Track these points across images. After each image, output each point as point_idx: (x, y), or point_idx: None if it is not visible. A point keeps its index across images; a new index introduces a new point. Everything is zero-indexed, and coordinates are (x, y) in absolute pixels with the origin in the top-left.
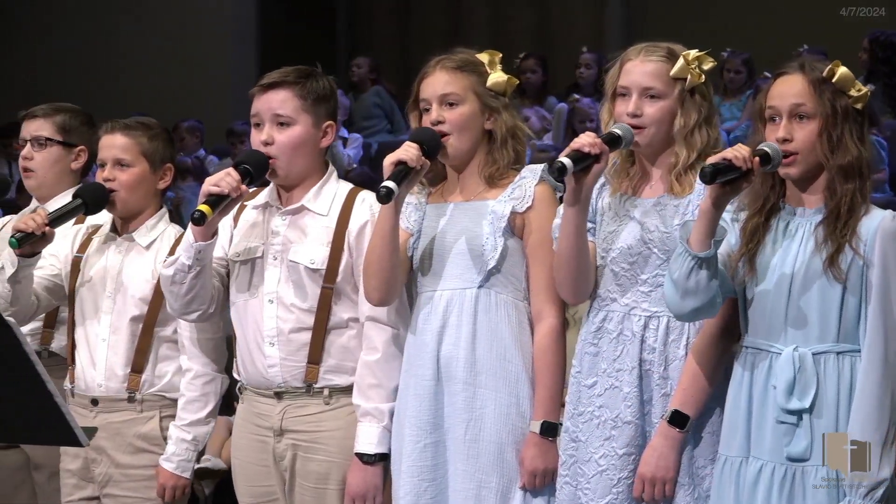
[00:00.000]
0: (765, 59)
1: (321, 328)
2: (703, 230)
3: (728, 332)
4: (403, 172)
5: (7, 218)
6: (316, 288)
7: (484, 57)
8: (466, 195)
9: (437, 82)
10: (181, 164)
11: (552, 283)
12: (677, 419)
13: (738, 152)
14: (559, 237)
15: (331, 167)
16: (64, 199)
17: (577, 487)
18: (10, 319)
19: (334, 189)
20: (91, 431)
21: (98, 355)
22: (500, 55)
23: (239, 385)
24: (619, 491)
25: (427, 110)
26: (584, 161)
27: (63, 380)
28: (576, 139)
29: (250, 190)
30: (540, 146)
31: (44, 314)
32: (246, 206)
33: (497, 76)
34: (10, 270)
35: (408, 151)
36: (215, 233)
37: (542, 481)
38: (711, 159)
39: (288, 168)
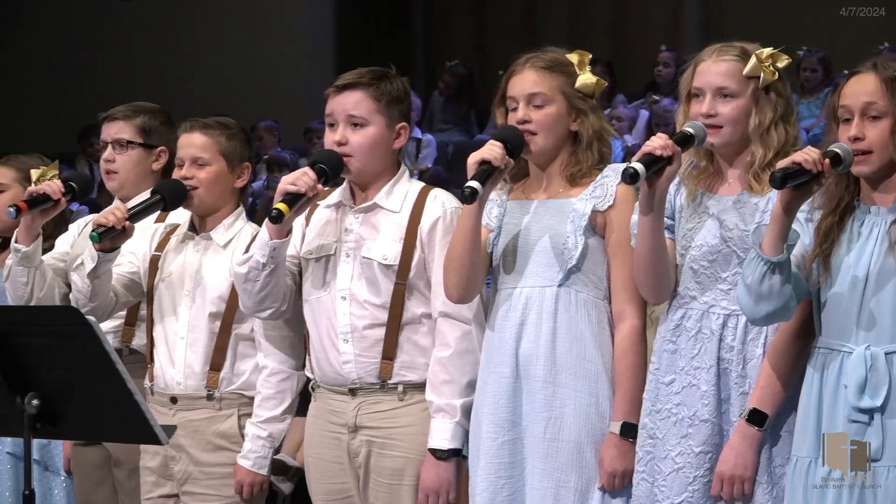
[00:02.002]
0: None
1: (395, 324)
2: (776, 234)
3: (806, 332)
4: (487, 172)
5: (91, 216)
6: (389, 284)
7: (573, 57)
8: (550, 193)
9: (526, 81)
10: (278, 159)
11: (633, 283)
12: (756, 417)
13: (807, 155)
14: (636, 239)
15: (403, 166)
16: (144, 197)
17: (653, 484)
18: (91, 318)
19: (406, 187)
20: (170, 429)
21: (177, 353)
22: (590, 56)
23: (312, 383)
24: (694, 489)
25: (514, 108)
26: (657, 164)
27: (144, 377)
28: (647, 142)
29: (326, 189)
30: None
31: (125, 312)
32: (318, 204)
33: (586, 77)
34: (90, 265)
35: (492, 150)
36: (290, 231)
37: (622, 482)
38: (781, 164)
39: (361, 168)
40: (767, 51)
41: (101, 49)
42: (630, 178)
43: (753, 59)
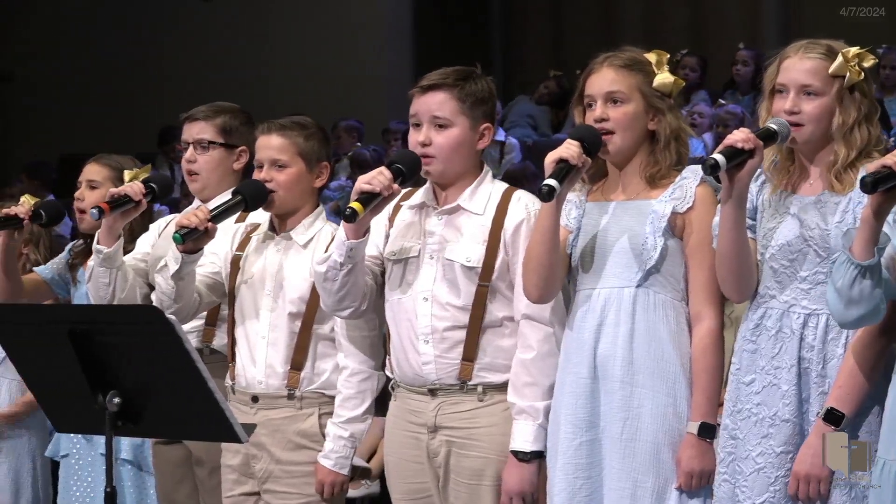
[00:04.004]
0: None
1: (476, 326)
2: (866, 238)
3: (888, 331)
4: (565, 170)
5: (171, 217)
6: (471, 286)
7: (651, 56)
8: (629, 194)
9: (604, 79)
10: (360, 157)
11: (711, 285)
12: (833, 417)
13: None
14: (718, 234)
15: (486, 167)
16: (225, 197)
17: (735, 485)
18: (172, 317)
19: (490, 188)
20: (250, 428)
21: (258, 353)
22: (668, 55)
23: (392, 382)
24: (776, 489)
25: (591, 106)
26: (738, 157)
27: (225, 377)
28: (729, 135)
29: (403, 189)
30: None
31: (206, 312)
32: (402, 206)
33: (664, 77)
34: (173, 267)
35: (569, 149)
36: (367, 231)
37: (699, 483)
38: (871, 167)
39: (443, 169)
40: (854, 50)
41: (181, 50)
42: (710, 168)
43: (839, 58)
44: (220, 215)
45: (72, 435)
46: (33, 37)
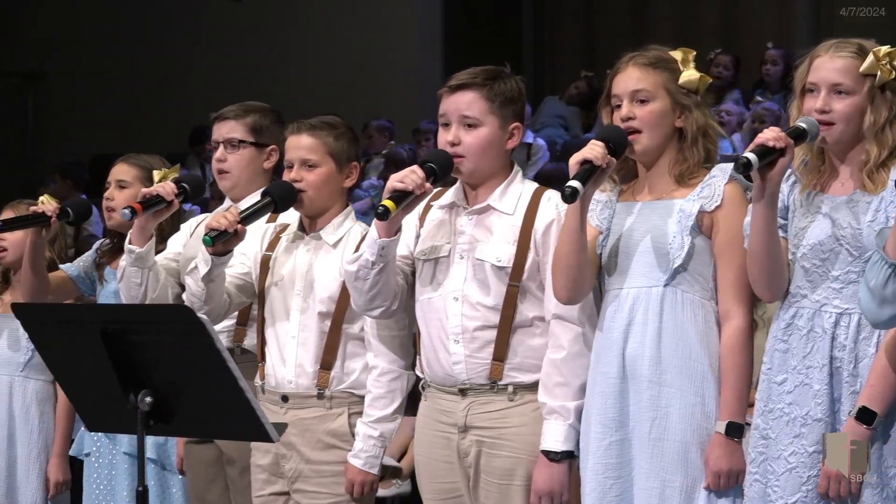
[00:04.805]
0: None
1: (507, 326)
2: None
3: None
4: (589, 171)
5: (202, 216)
6: (501, 286)
7: (677, 54)
8: (656, 194)
9: (629, 78)
10: (397, 156)
11: (740, 283)
12: (864, 416)
13: None
14: (750, 234)
15: (516, 167)
16: (255, 198)
17: (766, 485)
18: (203, 317)
19: (520, 188)
20: (282, 427)
21: (288, 353)
22: (694, 53)
23: (422, 382)
24: (808, 489)
25: (618, 106)
26: (769, 155)
27: (255, 377)
28: (760, 134)
29: (435, 189)
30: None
31: (237, 312)
32: (432, 205)
33: (690, 74)
34: (203, 269)
35: (593, 150)
36: (399, 230)
37: (727, 482)
38: None
39: (474, 168)
40: (885, 49)
41: (212, 50)
42: (743, 167)
43: (871, 57)
44: (249, 217)
45: (94, 433)
46: (65, 37)
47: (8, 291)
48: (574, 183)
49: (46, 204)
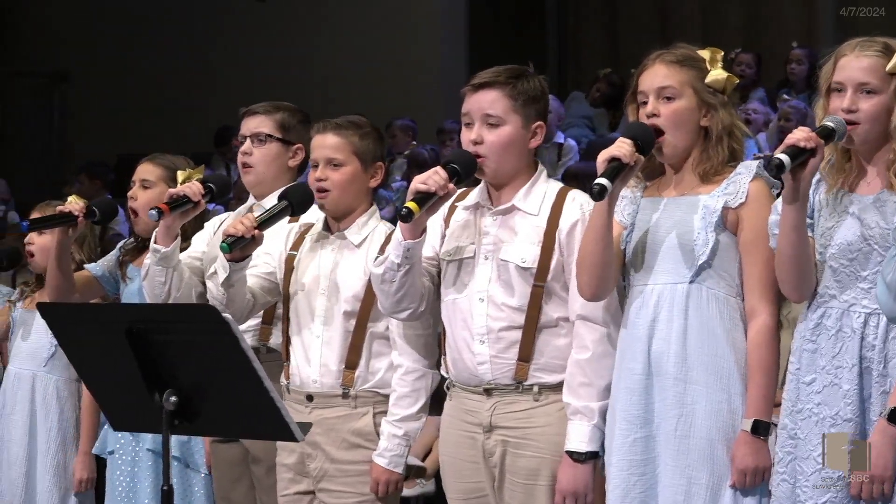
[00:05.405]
0: None
1: (532, 326)
2: None
3: None
4: (617, 169)
5: (226, 214)
6: (526, 287)
7: (705, 53)
8: (681, 190)
9: (656, 75)
10: (419, 156)
11: (766, 280)
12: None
13: None
14: (779, 234)
15: (540, 166)
16: (275, 198)
17: (795, 485)
18: (228, 316)
19: (544, 188)
20: (306, 427)
21: (312, 352)
22: (722, 53)
23: (447, 382)
24: (838, 489)
25: (644, 103)
26: (801, 156)
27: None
28: (790, 135)
29: (458, 190)
30: None
31: (262, 311)
32: (457, 206)
33: (717, 73)
34: (223, 275)
35: (621, 147)
36: (424, 231)
37: (753, 480)
38: None
39: (496, 167)
40: None
41: (237, 50)
42: (776, 168)
43: None
44: (266, 222)
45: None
46: (91, 37)
47: (38, 292)
48: (602, 181)
49: (73, 203)
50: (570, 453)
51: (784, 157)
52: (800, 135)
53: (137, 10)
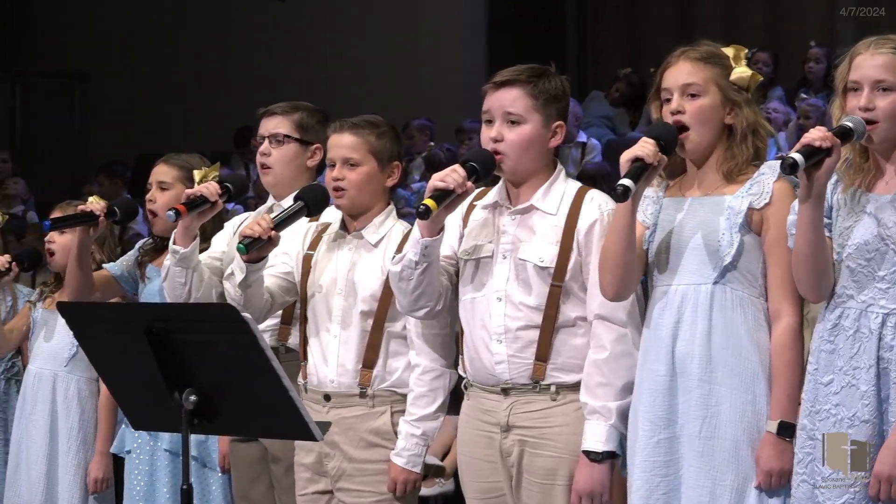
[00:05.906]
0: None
1: (549, 326)
2: None
3: None
4: (640, 169)
5: (245, 214)
6: (544, 286)
7: (729, 51)
8: (704, 190)
9: (680, 72)
10: (435, 157)
11: (790, 281)
12: None
13: None
14: (796, 234)
15: (559, 166)
16: (288, 203)
17: (814, 486)
18: (247, 315)
19: (563, 188)
20: (325, 426)
21: (330, 351)
22: (746, 50)
23: (465, 381)
24: (855, 490)
25: (668, 100)
26: (816, 156)
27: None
28: (806, 134)
29: (477, 188)
30: None
31: (281, 310)
32: (475, 205)
33: (741, 70)
34: (240, 276)
35: (644, 147)
36: (442, 229)
37: (779, 481)
38: None
39: (515, 166)
40: None
41: (255, 50)
42: (789, 168)
43: None
44: (282, 223)
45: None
46: (111, 37)
47: (58, 292)
48: (626, 181)
49: (94, 203)
50: (587, 453)
51: (798, 157)
52: (816, 134)
53: (157, 10)
